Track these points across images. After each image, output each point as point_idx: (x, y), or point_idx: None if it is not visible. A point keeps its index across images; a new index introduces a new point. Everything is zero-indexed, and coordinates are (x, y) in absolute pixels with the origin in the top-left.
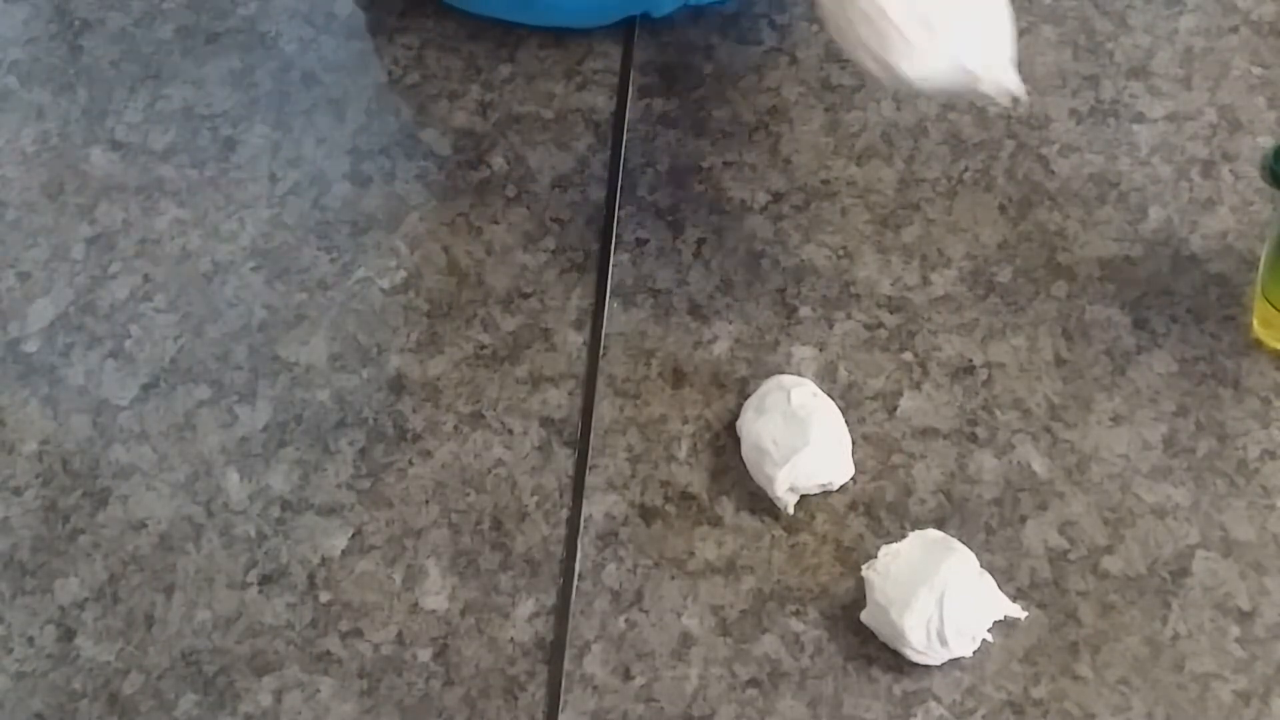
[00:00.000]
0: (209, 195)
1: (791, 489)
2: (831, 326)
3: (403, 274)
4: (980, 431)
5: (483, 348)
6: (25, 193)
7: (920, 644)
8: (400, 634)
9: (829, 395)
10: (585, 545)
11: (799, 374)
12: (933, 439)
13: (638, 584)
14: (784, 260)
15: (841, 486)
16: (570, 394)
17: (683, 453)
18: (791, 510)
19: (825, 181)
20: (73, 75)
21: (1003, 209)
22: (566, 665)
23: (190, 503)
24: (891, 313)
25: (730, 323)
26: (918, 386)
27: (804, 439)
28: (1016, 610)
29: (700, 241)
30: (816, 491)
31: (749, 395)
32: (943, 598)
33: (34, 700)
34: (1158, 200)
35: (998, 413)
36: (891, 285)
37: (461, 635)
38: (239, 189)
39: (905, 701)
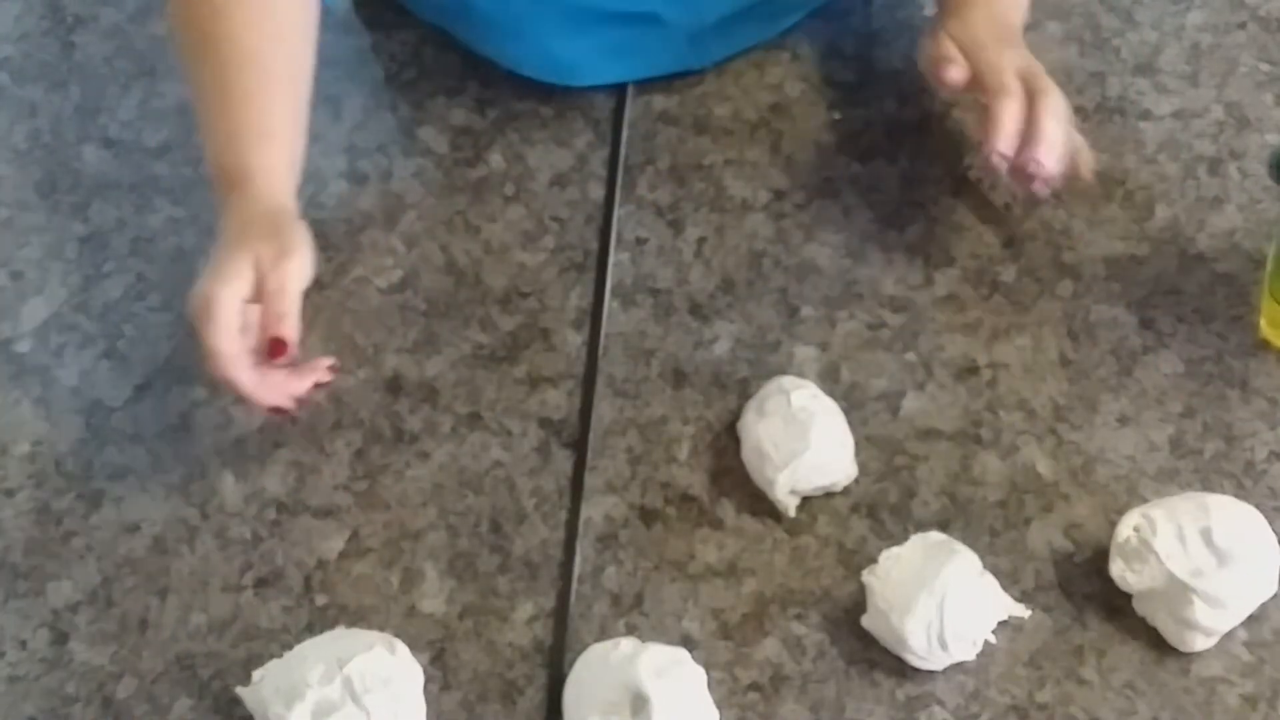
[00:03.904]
0: (203, 193)
1: (793, 492)
2: (834, 326)
3: (399, 273)
4: (984, 433)
5: (481, 348)
6: (18, 191)
7: (921, 649)
8: (397, 637)
9: (831, 396)
10: (584, 548)
11: (801, 374)
12: (936, 440)
13: (638, 587)
14: (786, 259)
15: (844, 488)
16: (569, 394)
17: (683, 454)
18: (793, 513)
19: (828, 179)
20: (65, 72)
21: (1007, 207)
22: (566, 669)
23: (185, 505)
24: (894, 312)
25: (731, 322)
26: (921, 387)
27: (804, 443)
28: (1021, 610)
29: (701, 240)
30: (818, 493)
31: (750, 396)
32: (943, 601)
33: (26, 704)
34: (1164, 198)
35: (1002, 414)
36: (894, 284)
37: (459, 639)
38: None
39: (909, 706)
